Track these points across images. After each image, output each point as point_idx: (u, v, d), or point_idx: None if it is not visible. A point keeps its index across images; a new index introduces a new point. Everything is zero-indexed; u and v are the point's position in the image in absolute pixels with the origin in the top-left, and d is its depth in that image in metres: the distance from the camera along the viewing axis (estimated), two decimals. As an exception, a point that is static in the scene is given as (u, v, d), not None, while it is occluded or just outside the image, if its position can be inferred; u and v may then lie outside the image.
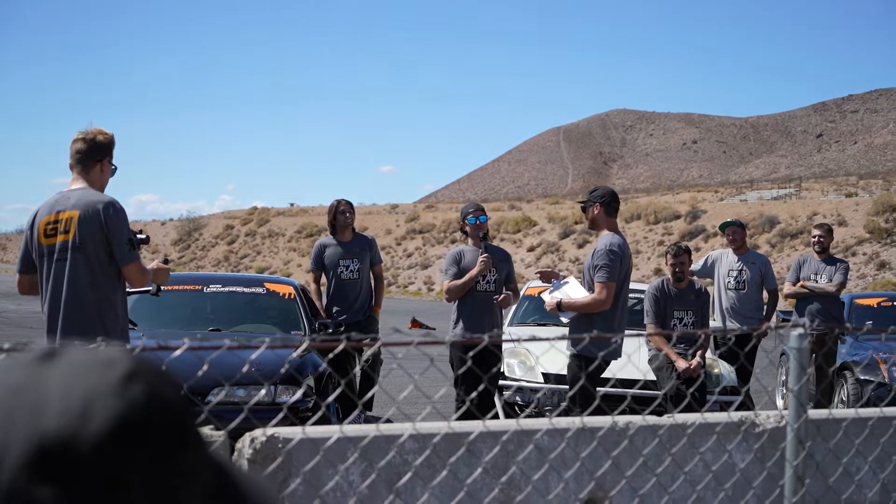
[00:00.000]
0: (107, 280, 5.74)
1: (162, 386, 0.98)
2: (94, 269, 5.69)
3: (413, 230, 73.83)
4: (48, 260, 5.75)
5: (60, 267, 5.70)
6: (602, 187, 8.49)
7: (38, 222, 5.80)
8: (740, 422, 4.30)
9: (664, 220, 62.62)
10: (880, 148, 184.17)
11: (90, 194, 5.76)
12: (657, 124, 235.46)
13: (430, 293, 61.09)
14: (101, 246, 5.67)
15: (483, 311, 8.86)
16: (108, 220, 5.67)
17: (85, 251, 5.67)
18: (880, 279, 43.96)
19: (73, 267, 5.68)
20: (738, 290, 11.58)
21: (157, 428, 0.95)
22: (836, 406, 11.49)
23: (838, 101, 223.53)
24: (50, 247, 5.74)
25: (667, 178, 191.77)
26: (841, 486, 4.46)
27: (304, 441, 3.48)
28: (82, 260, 5.67)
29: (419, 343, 3.21)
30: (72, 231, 5.67)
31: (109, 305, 5.77)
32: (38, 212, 5.86)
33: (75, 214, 5.68)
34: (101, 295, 5.72)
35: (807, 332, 3.93)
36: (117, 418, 0.93)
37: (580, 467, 3.93)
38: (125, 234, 5.73)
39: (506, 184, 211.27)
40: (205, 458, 1.01)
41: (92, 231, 5.65)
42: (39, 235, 5.78)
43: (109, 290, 5.76)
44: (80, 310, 5.68)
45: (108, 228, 5.67)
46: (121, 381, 0.95)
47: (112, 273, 5.75)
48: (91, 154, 5.85)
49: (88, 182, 5.83)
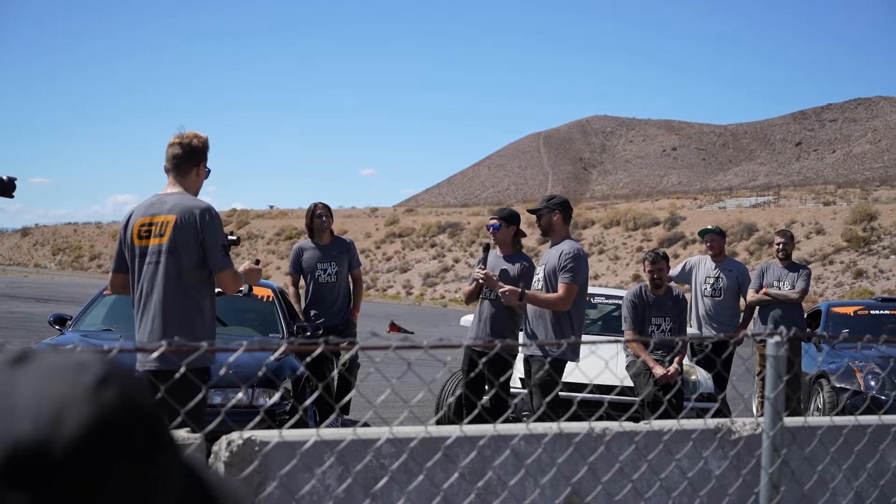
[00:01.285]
0: (197, 284, 5.80)
1: (134, 390, 0.98)
2: (185, 273, 5.75)
3: (392, 234, 73.84)
4: (140, 261, 5.82)
5: (152, 269, 5.77)
6: (558, 195, 8.60)
7: (133, 223, 5.87)
8: (716, 429, 4.31)
9: (643, 226, 62.82)
10: (858, 157, 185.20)
11: (187, 199, 5.82)
12: (637, 131, 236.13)
13: (408, 297, 61.06)
14: (195, 251, 5.74)
15: (484, 317, 8.72)
16: (204, 226, 5.74)
17: (178, 255, 5.73)
18: (857, 287, 44.21)
19: (166, 270, 5.74)
20: (714, 298, 11.63)
21: (129, 432, 0.95)
22: (813, 414, 11.54)
23: (817, 109, 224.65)
24: (143, 248, 5.81)
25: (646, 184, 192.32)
26: (815, 493, 4.48)
27: (281, 444, 3.47)
28: (174, 264, 5.74)
29: (397, 347, 3.21)
30: (167, 235, 5.73)
31: (198, 309, 5.82)
32: (132, 213, 5.93)
33: (172, 219, 5.74)
34: (191, 299, 5.78)
35: (784, 339, 3.94)
36: (90, 423, 0.92)
37: (556, 473, 3.93)
38: (219, 241, 5.80)
39: (486, 188, 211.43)
40: (178, 461, 1.00)
41: (187, 236, 5.72)
42: (133, 237, 5.85)
43: (199, 294, 5.82)
44: (168, 313, 5.73)
45: (203, 234, 5.73)
46: (93, 385, 0.95)
47: (203, 277, 5.82)
48: (187, 158, 5.92)
49: (184, 186, 5.91)
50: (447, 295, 58.13)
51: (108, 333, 9.49)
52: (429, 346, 3.13)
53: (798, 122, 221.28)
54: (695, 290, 11.82)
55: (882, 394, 10.57)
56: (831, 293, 44.95)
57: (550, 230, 8.25)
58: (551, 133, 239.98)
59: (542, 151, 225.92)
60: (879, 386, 10.84)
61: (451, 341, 3.40)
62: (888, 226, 50.34)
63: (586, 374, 7.85)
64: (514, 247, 8.74)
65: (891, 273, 45.36)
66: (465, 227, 71.02)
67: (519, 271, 8.52)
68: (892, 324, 13.51)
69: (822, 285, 45.63)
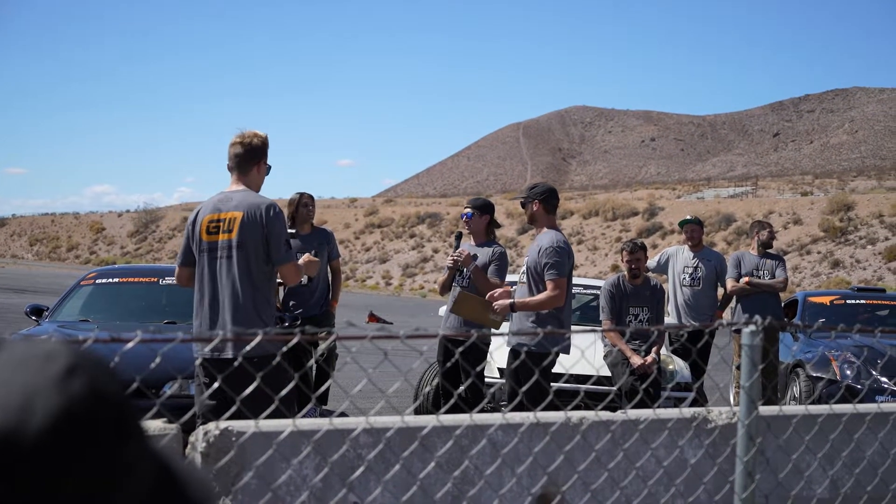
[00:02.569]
0: (263, 277, 6.12)
1: (103, 379, 0.98)
2: (252, 266, 6.06)
3: (372, 224, 73.74)
4: (209, 256, 6.15)
5: (221, 264, 6.10)
6: (542, 184, 8.42)
7: (201, 220, 6.20)
8: (692, 418, 4.33)
9: (622, 216, 62.94)
10: (836, 148, 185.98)
11: (251, 196, 6.17)
12: (616, 121, 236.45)
13: (388, 287, 61.04)
14: (261, 245, 6.06)
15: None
16: (269, 221, 6.07)
17: (245, 250, 6.05)
18: (834, 277, 44.42)
19: (235, 264, 6.05)
20: (693, 287, 11.66)
21: (98, 421, 0.95)
22: (789, 403, 11.60)
23: (795, 100, 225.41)
24: (211, 244, 6.14)
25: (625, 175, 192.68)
26: (790, 481, 4.51)
27: (257, 435, 3.47)
28: (243, 258, 6.05)
29: (373, 337, 3.21)
30: (234, 231, 6.06)
31: (265, 299, 6.14)
32: (200, 209, 6.29)
33: (239, 215, 6.08)
34: (258, 290, 6.09)
35: (759, 329, 3.96)
36: (58, 413, 0.92)
37: (533, 462, 3.94)
38: (283, 235, 6.15)
39: (465, 179, 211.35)
40: (146, 451, 1.00)
41: (253, 231, 6.05)
42: (201, 232, 6.17)
43: (265, 285, 6.16)
44: (239, 304, 6.04)
45: (267, 229, 6.06)
46: (61, 374, 0.95)
47: (268, 270, 6.15)
48: (248, 157, 6.28)
49: (246, 183, 6.26)
50: (426, 285, 58.11)
51: (85, 324, 9.46)
52: (405, 336, 3.13)
53: (776, 113, 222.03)
54: (673, 280, 11.85)
55: (857, 382, 10.63)
56: (808, 283, 45.15)
57: (534, 220, 8.22)
58: (531, 123, 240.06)
59: (521, 142, 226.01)
60: (855, 375, 10.90)
61: (428, 331, 3.40)
62: (865, 216, 50.59)
63: (563, 364, 7.87)
64: (488, 236, 8.76)
65: (867, 263, 45.60)
66: (444, 218, 71.00)
67: (490, 258, 8.54)
68: (867, 313, 13.60)
69: (799, 275, 45.84)
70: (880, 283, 40.66)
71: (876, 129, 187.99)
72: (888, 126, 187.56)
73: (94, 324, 9.36)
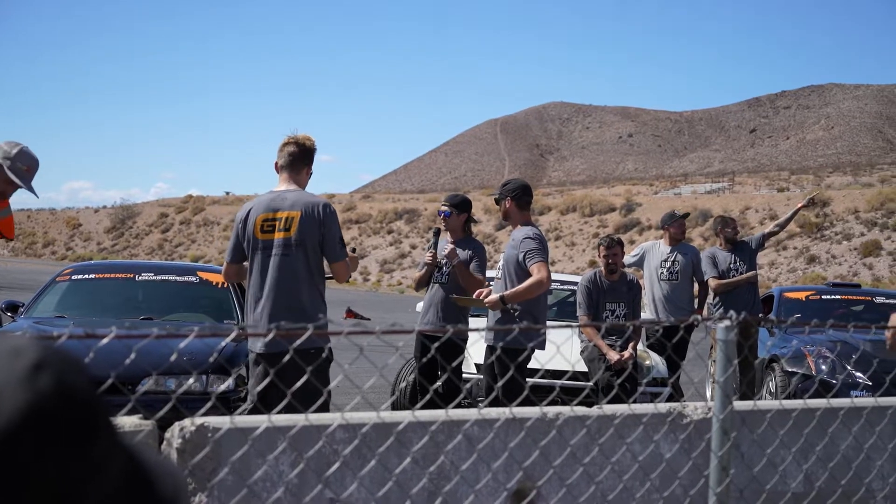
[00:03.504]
0: (318, 273, 6.38)
1: (71, 376, 0.97)
2: (310, 263, 6.30)
3: (350, 220, 73.64)
4: (264, 254, 6.35)
5: (279, 261, 6.29)
6: (514, 180, 8.41)
7: (254, 218, 6.39)
8: (667, 413, 4.35)
9: (599, 212, 63.09)
10: (812, 144, 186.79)
11: (307, 196, 6.40)
12: (593, 117, 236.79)
13: (365, 283, 61.00)
14: (318, 243, 6.31)
15: (434, 302, 8.82)
16: (326, 220, 6.34)
17: (304, 247, 6.27)
18: (810, 273, 44.65)
19: (294, 261, 6.28)
20: (671, 281, 11.68)
21: (66, 418, 0.94)
22: (765, 398, 11.65)
23: (771, 96, 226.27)
24: (266, 242, 6.34)
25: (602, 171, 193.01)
26: (765, 475, 4.53)
27: (233, 431, 3.46)
28: (302, 255, 6.28)
29: (349, 333, 3.21)
30: (293, 229, 6.28)
31: (319, 295, 6.38)
32: (251, 208, 6.46)
33: (296, 214, 6.29)
34: (314, 286, 6.35)
35: (734, 324, 3.98)
36: (25, 409, 0.92)
37: (509, 457, 3.95)
38: (337, 233, 6.41)
39: (443, 175, 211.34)
40: (116, 447, 1.00)
41: (312, 230, 6.28)
42: (256, 231, 6.37)
43: (320, 281, 6.41)
44: (296, 300, 6.27)
45: (324, 227, 6.32)
46: (29, 371, 0.94)
47: (322, 267, 6.41)
48: (302, 158, 6.53)
49: (297, 183, 6.51)
50: (404, 281, 58.12)
51: (61, 320, 9.41)
52: (381, 332, 3.14)
53: (752, 109, 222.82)
54: (650, 275, 11.81)
55: (832, 377, 10.68)
56: (784, 279, 45.38)
57: (507, 216, 8.24)
58: (508, 120, 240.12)
59: (498, 138, 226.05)
60: (830, 369, 10.95)
61: (405, 327, 3.41)
62: (840, 212, 50.88)
63: (538, 360, 7.87)
64: (465, 233, 8.80)
65: (843, 259, 45.86)
66: (421, 214, 70.99)
67: (469, 256, 8.57)
68: (843, 308, 13.67)
69: (775, 271, 46.07)
70: (856, 278, 40.93)
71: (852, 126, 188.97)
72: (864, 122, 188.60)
73: (69, 320, 9.31)
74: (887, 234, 46.66)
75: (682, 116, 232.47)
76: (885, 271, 43.13)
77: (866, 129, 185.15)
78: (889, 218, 48.05)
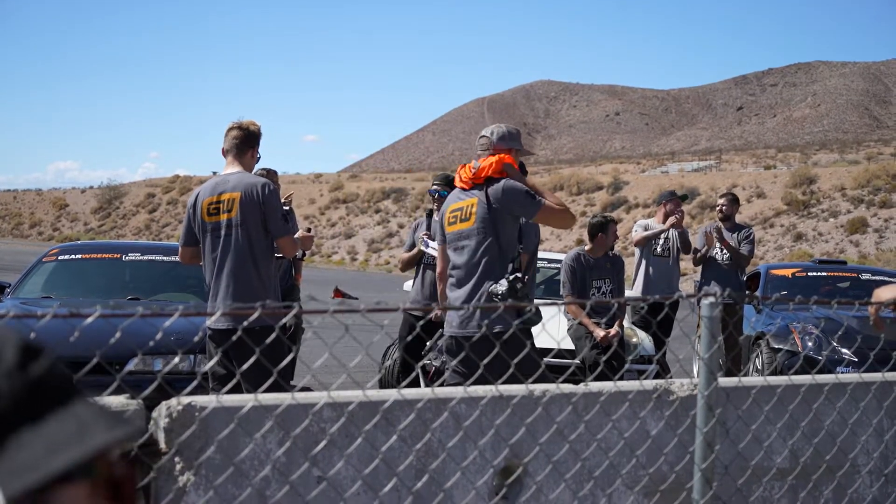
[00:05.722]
0: (264, 251, 6.59)
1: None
2: (253, 242, 6.52)
3: (337, 200, 73.56)
4: (212, 235, 6.60)
5: (224, 242, 6.55)
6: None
7: (201, 202, 6.64)
8: (653, 389, 4.37)
9: (587, 191, 63.08)
10: (798, 121, 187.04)
11: (247, 177, 6.64)
12: (581, 96, 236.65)
13: (353, 263, 60.97)
14: (260, 222, 6.52)
15: (428, 282, 8.93)
16: (266, 199, 6.53)
17: (246, 227, 6.51)
18: (797, 250, 44.76)
19: (237, 241, 6.52)
20: (664, 258, 11.71)
21: None
22: (751, 374, 11.70)
23: (758, 74, 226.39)
24: (214, 224, 6.59)
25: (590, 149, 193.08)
26: (750, 451, 4.56)
27: (219, 410, 3.47)
28: (244, 235, 6.51)
29: (335, 311, 3.21)
30: (234, 210, 6.51)
31: (267, 272, 6.63)
32: (199, 193, 6.73)
33: (237, 196, 6.52)
34: (260, 264, 6.56)
35: (718, 301, 3.99)
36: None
37: (495, 435, 3.97)
38: (279, 210, 6.60)
39: (430, 154, 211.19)
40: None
41: (252, 209, 6.50)
42: (203, 214, 6.63)
43: (267, 258, 6.62)
44: (244, 277, 6.53)
45: (265, 206, 6.52)
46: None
47: (268, 244, 6.61)
48: (246, 142, 6.75)
49: (242, 166, 6.74)
50: (392, 261, 58.07)
51: (48, 301, 9.40)
52: (366, 310, 3.14)
53: (739, 87, 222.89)
54: (644, 252, 11.78)
55: (818, 354, 10.74)
56: (772, 256, 45.48)
57: None
58: (495, 98, 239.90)
59: (486, 116, 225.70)
60: (816, 346, 11.01)
61: (389, 305, 3.41)
62: (827, 189, 50.96)
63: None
64: None
65: (829, 236, 45.97)
66: (409, 193, 70.90)
67: None
68: (829, 285, 13.73)
69: (762, 248, 46.15)
70: (842, 255, 41.02)
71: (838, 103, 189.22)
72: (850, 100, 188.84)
73: (56, 300, 9.30)
74: (873, 212, 46.76)
75: (668, 94, 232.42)
76: (871, 248, 43.24)
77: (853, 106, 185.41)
78: (875, 195, 48.14)
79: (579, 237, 51.18)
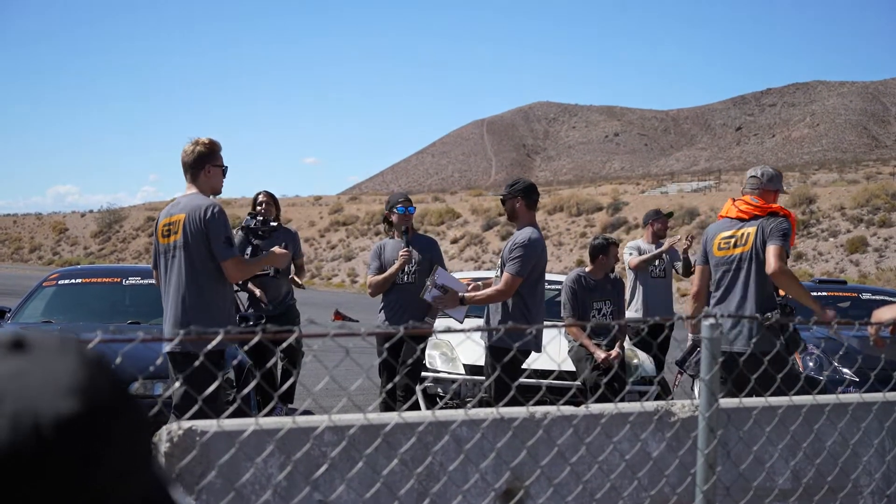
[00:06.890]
0: (210, 274, 6.50)
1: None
2: (196, 264, 6.46)
3: (337, 222, 73.50)
4: (164, 257, 6.63)
5: (173, 263, 6.54)
6: (522, 180, 8.40)
7: (159, 224, 6.72)
8: (654, 411, 4.37)
9: (586, 212, 63.08)
10: (797, 141, 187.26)
11: (196, 199, 6.58)
12: (579, 117, 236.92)
13: (353, 285, 60.92)
14: (203, 244, 6.47)
15: (406, 304, 8.82)
16: (209, 221, 6.46)
17: (188, 250, 6.47)
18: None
19: (180, 263, 6.49)
20: (662, 279, 11.72)
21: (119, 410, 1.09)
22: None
23: (757, 94, 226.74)
24: (165, 246, 6.61)
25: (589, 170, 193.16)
26: (752, 473, 4.55)
27: (220, 434, 3.46)
28: (186, 257, 6.47)
29: (335, 335, 3.21)
30: (179, 232, 6.50)
31: (212, 296, 6.52)
32: (160, 215, 6.77)
33: (182, 217, 6.51)
34: (203, 288, 6.49)
35: (718, 322, 3.99)
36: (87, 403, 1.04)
37: (496, 458, 3.96)
38: (222, 233, 6.50)
39: (430, 176, 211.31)
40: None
41: (196, 232, 6.46)
42: (158, 236, 6.71)
43: (210, 283, 6.51)
44: (186, 301, 6.47)
45: (208, 228, 6.45)
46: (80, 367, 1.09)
47: (213, 268, 6.51)
48: (194, 164, 6.69)
49: (198, 188, 6.68)
50: (392, 282, 57.93)
51: (48, 325, 9.39)
52: (366, 333, 3.15)
53: (738, 107, 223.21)
54: (640, 273, 11.77)
55: (819, 374, 10.71)
56: (772, 276, 45.42)
57: (515, 216, 8.24)
58: (494, 120, 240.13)
59: (485, 138, 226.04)
60: (816, 366, 10.98)
61: (390, 328, 3.41)
62: (826, 209, 50.98)
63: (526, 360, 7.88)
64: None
65: (829, 255, 45.97)
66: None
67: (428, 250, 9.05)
68: (829, 305, 13.69)
69: (762, 268, 46.06)
70: (842, 275, 41.02)
71: (837, 123, 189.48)
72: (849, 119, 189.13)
73: (56, 325, 9.29)
74: (873, 231, 46.76)
75: (667, 115, 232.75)
76: (871, 267, 43.23)
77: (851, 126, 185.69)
78: (875, 214, 48.16)
79: (580, 258, 51.17)
